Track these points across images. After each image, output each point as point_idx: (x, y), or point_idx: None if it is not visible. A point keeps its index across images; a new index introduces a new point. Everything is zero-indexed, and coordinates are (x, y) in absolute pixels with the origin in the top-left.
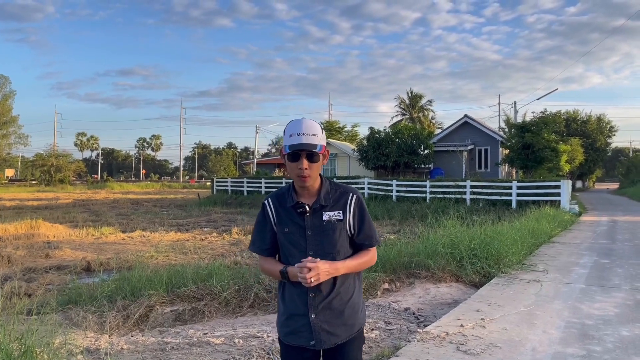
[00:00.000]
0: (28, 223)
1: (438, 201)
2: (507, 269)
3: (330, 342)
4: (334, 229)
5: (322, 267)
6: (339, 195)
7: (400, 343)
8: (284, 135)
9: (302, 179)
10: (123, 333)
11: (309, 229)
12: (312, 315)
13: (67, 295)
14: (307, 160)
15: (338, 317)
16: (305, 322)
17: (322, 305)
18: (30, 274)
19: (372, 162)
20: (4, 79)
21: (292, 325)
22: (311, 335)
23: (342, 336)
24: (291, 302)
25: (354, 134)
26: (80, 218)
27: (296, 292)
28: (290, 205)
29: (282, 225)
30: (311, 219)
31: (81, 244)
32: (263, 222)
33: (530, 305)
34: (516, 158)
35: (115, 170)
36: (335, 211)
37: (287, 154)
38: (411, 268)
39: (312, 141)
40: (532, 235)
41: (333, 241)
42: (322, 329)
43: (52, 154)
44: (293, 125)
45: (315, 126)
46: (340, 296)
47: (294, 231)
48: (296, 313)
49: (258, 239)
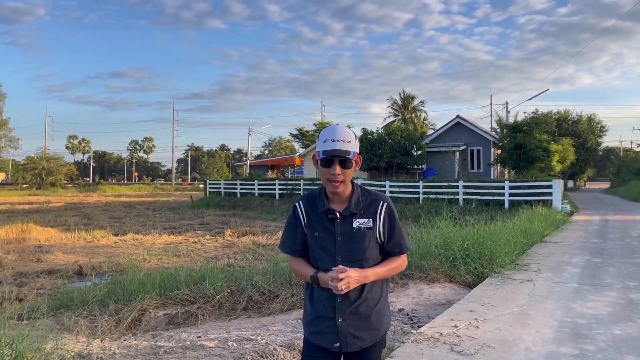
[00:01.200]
0: (19, 227)
1: (431, 202)
2: (500, 269)
3: (356, 345)
4: (364, 236)
5: (352, 275)
6: (369, 203)
7: (395, 344)
8: (318, 141)
9: (333, 184)
10: (115, 337)
11: (339, 235)
12: (339, 319)
13: (59, 300)
14: (339, 167)
15: (364, 322)
16: (331, 324)
17: (350, 310)
18: (22, 279)
19: (365, 163)
20: None
21: (318, 325)
22: (337, 337)
23: (367, 340)
24: (319, 304)
25: None
26: (72, 221)
27: (324, 295)
28: (321, 211)
29: (312, 229)
30: (341, 225)
31: (73, 247)
32: (294, 224)
33: (523, 305)
34: (508, 158)
35: (107, 173)
36: (365, 219)
37: (320, 160)
38: (405, 269)
39: (346, 147)
40: (525, 235)
41: (362, 248)
42: (349, 332)
43: (43, 157)
44: (327, 132)
45: (349, 133)
46: (367, 302)
47: (324, 236)
48: (323, 315)
49: (289, 240)
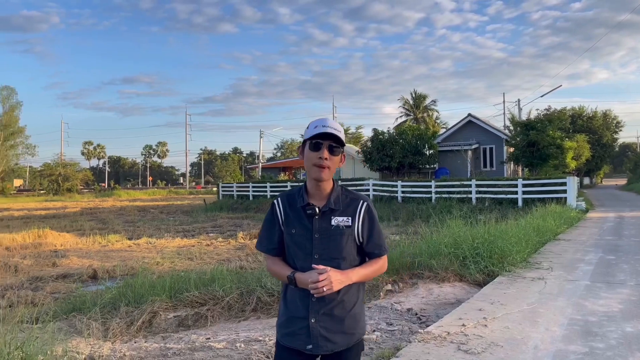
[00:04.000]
0: (35, 232)
1: (444, 201)
2: (511, 267)
3: (327, 348)
4: (342, 234)
5: (334, 277)
6: (349, 201)
7: (401, 344)
8: (308, 129)
9: (320, 169)
10: (126, 339)
11: (317, 232)
12: (312, 319)
13: (72, 303)
14: (328, 152)
15: (338, 324)
16: (304, 325)
17: (323, 311)
18: (37, 283)
19: (377, 164)
20: (10, 90)
21: (291, 327)
22: (309, 339)
23: (339, 344)
24: (292, 304)
25: (358, 135)
26: (88, 226)
27: (299, 295)
28: (300, 206)
29: (290, 226)
30: (319, 222)
31: (88, 252)
32: (271, 221)
33: (533, 304)
34: (521, 156)
35: (122, 178)
36: (344, 217)
37: (309, 142)
38: (414, 269)
39: (336, 134)
40: (538, 233)
41: (339, 247)
42: (321, 334)
43: (59, 163)
44: (318, 120)
45: (339, 125)
46: (343, 304)
47: (301, 233)
48: (296, 316)
49: (265, 238)
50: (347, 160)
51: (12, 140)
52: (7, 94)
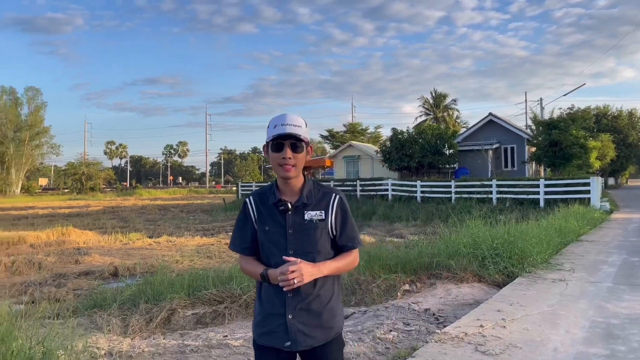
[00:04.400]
0: (59, 230)
1: (464, 201)
2: (531, 268)
3: (306, 343)
4: (316, 228)
5: (305, 269)
6: (322, 195)
7: (418, 344)
8: (268, 129)
9: (285, 168)
10: (145, 336)
11: (290, 228)
12: (289, 315)
13: (93, 300)
14: (290, 150)
15: (316, 319)
16: (281, 322)
17: (300, 307)
18: (60, 280)
19: (396, 163)
20: (36, 91)
21: (267, 325)
22: (287, 336)
23: (318, 338)
24: (268, 301)
25: (377, 135)
26: (109, 224)
27: (274, 291)
28: (272, 203)
29: (263, 223)
30: (292, 217)
31: (109, 249)
32: (244, 220)
33: (554, 305)
34: (543, 156)
35: (143, 177)
36: (317, 210)
37: (270, 144)
38: (432, 269)
39: (296, 131)
40: (560, 233)
41: (314, 241)
42: (299, 330)
43: (82, 162)
44: (277, 118)
45: (299, 119)
46: (320, 299)
47: (275, 229)
48: (273, 313)
49: (239, 238)
50: (366, 159)
51: (38, 140)
52: (33, 95)
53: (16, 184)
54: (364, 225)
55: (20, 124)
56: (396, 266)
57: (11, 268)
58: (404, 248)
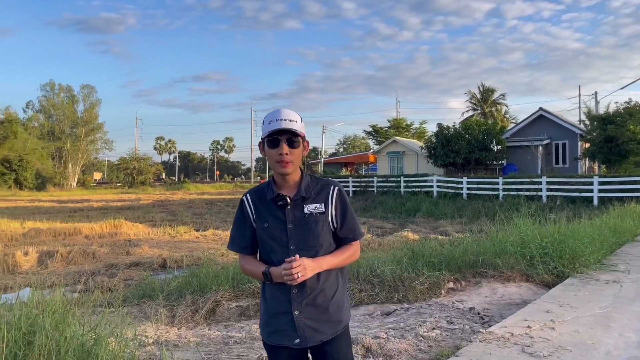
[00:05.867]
0: (112, 223)
1: (511, 199)
2: (583, 268)
3: (316, 339)
4: (317, 221)
5: (307, 263)
6: (320, 188)
7: (462, 343)
8: (263, 125)
9: (282, 164)
10: (191, 326)
11: (290, 223)
12: (295, 312)
13: (142, 290)
14: (287, 146)
15: (323, 313)
16: (289, 319)
17: (306, 302)
18: (112, 270)
19: (441, 159)
20: (91, 88)
21: (275, 324)
22: (295, 333)
23: (327, 333)
24: (273, 300)
25: (422, 130)
26: (159, 218)
27: (278, 289)
28: (270, 198)
29: (262, 220)
30: (292, 211)
31: (158, 242)
32: (242, 219)
33: (607, 307)
34: (598, 152)
35: (191, 172)
36: (317, 204)
37: (266, 140)
38: (477, 267)
39: (292, 126)
40: (614, 233)
41: (315, 234)
42: (307, 325)
43: (134, 157)
44: (271, 114)
45: (294, 114)
46: (325, 292)
47: (275, 225)
48: (279, 311)
49: (238, 237)
50: (411, 155)
51: (92, 135)
52: (88, 92)
53: (73, 178)
54: (407, 221)
55: (76, 120)
56: (440, 264)
57: (67, 258)
58: (448, 245)
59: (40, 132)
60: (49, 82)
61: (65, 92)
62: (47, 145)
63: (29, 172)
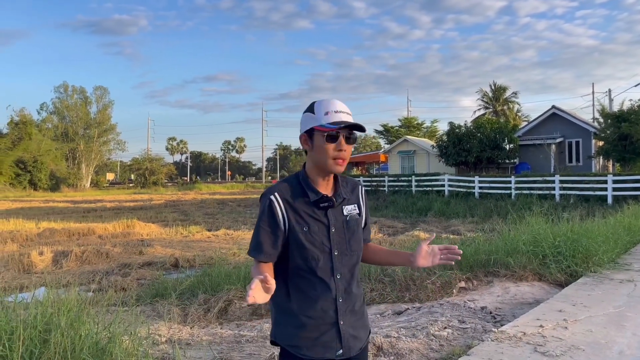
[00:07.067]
0: (125, 222)
1: (524, 197)
2: (596, 267)
3: (357, 347)
4: (357, 224)
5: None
6: (351, 188)
7: (474, 342)
8: (315, 115)
9: (338, 162)
10: (203, 325)
11: (333, 226)
12: (341, 321)
13: (155, 289)
14: (345, 142)
15: (360, 319)
16: (334, 329)
17: (350, 309)
18: (126, 269)
19: (453, 158)
20: (104, 90)
21: (314, 336)
22: (340, 344)
23: (364, 339)
24: (311, 307)
25: (433, 130)
26: (171, 218)
27: (323, 296)
28: (314, 200)
29: (301, 224)
30: (334, 214)
31: (171, 241)
32: (272, 223)
33: (620, 307)
34: (612, 150)
35: (203, 172)
36: (352, 205)
37: (326, 133)
38: (489, 266)
39: (355, 122)
40: (629, 232)
41: (358, 238)
42: (350, 335)
43: (146, 158)
44: (326, 103)
45: (347, 107)
46: (360, 297)
47: (316, 230)
48: (322, 322)
49: (268, 244)
50: (422, 154)
51: (105, 136)
52: (101, 94)
53: (86, 179)
54: (419, 221)
55: (89, 121)
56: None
57: (81, 257)
58: (460, 244)
59: (54, 134)
60: (63, 84)
61: (79, 93)
62: (60, 147)
63: (44, 173)
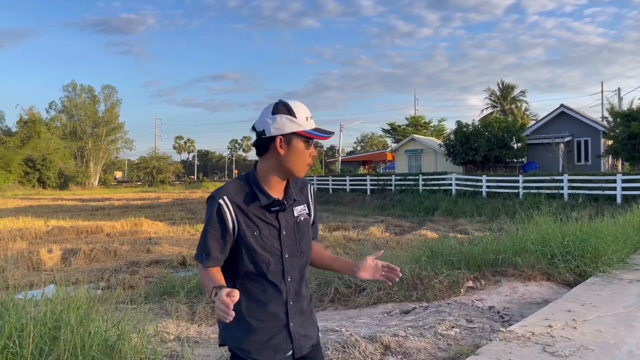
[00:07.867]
0: (132, 221)
1: (532, 197)
2: (606, 267)
3: (308, 345)
4: (307, 225)
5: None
6: (300, 187)
7: (481, 342)
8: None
9: (308, 167)
10: (211, 323)
11: (284, 229)
12: (291, 323)
13: (163, 287)
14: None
15: (309, 317)
16: (284, 332)
17: (298, 311)
18: (134, 267)
19: (460, 157)
20: (111, 89)
21: (264, 339)
22: (291, 344)
23: (314, 336)
24: (263, 312)
25: (440, 128)
26: (178, 216)
27: (273, 301)
28: (265, 205)
29: (251, 228)
30: (285, 217)
31: (178, 240)
32: (222, 227)
33: (630, 307)
34: (621, 149)
35: (210, 170)
36: (302, 205)
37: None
38: (497, 266)
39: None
40: (638, 232)
41: (307, 239)
42: (301, 335)
43: (153, 156)
44: (304, 108)
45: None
46: (308, 296)
47: (267, 234)
48: (272, 325)
49: (215, 248)
50: (429, 153)
51: (113, 135)
52: (109, 93)
53: (94, 177)
54: (426, 220)
55: (97, 120)
56: (459, 262)
57: (90, 255)
58: (467, 244)
59: (62, 132)
60: (71, 83)
61: (87, 92)
62: (69, 145)
63: (52, 171)
